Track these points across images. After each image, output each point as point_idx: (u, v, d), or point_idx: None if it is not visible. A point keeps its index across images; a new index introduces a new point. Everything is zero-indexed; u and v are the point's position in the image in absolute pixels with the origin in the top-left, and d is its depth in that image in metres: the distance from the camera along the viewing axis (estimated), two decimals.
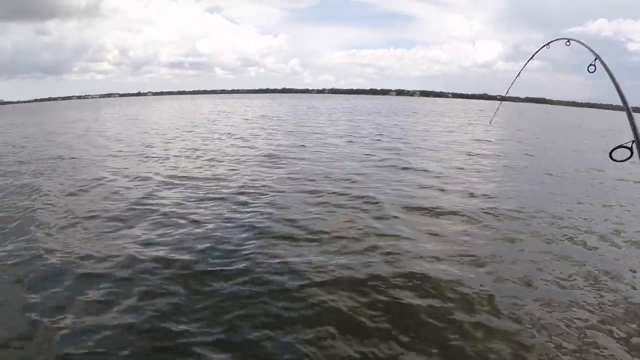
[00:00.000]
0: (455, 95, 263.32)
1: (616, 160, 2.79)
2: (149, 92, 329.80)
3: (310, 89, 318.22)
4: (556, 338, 4.52)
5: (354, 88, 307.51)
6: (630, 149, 2.75)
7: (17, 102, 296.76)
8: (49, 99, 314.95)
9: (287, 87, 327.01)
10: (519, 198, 10.41)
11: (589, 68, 3.73)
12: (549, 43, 5.67)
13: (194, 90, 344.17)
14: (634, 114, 2.91)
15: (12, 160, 16.59)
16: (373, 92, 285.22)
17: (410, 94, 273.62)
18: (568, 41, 4.67)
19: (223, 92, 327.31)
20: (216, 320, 4.85)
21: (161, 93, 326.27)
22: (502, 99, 9.07)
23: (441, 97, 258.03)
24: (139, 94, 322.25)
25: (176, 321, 4.78)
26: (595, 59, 3.74)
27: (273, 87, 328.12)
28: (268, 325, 4.75)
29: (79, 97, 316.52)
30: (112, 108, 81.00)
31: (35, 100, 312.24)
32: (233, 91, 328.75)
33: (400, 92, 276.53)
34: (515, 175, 13.50)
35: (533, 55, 6.84)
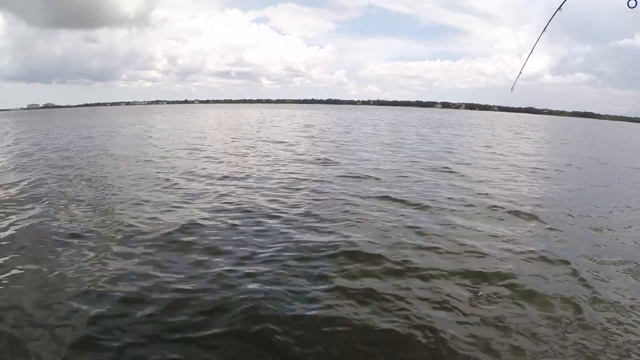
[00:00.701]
0: (501, 109, 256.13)
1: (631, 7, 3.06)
2: (196, 100, 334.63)
3: (356, 100, 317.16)
4: (609, 342, 4.69)
5: (399, 100, 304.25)
6: None
7: (67, 107, 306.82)
8: (98, 104, 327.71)
9: (332, 98, 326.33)
10: (563, 208, 10.66)
11: (629, 3, 3.66)
12: None
13: (241, 99, 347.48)
14: None
15: (81, 158, 18.18)
16: (418, 104, 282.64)
17: (456, 106, 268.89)
18: None
19: (269, 101, 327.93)
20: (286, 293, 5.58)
21: (208, 101, 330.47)
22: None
23: (487, 110, 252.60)
24: (185, 102, 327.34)
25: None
26: None
27: (318, 98, 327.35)
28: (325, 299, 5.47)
29: (127, 103, 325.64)
30: (163, 114, 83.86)
31: (85, 105, 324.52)
32: (278, 101, 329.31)
33: (445, 105, 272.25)
34: (559, 188, 13.60)
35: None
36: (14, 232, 8.18)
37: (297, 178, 13.42)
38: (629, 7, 3.72)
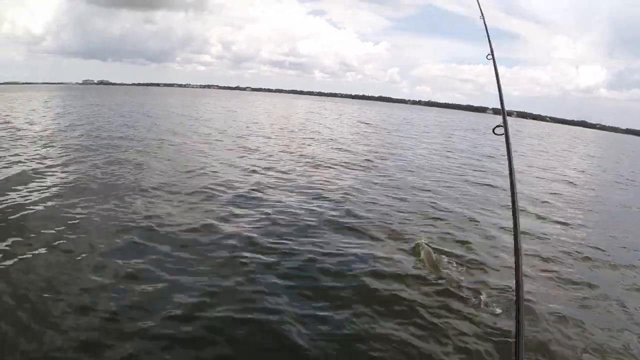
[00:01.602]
0: (553, 120, 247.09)
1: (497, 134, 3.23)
2: (248, 87, 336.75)
3: (407, 99, 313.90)
4: None
5: (450, 102, 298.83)
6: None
7: (122, 84, 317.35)
8: (152, 84, 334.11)
9: (383, 95, 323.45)
10: (608, 230, 10.64)
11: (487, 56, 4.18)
12: None
13: (292, 90, 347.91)
14: None
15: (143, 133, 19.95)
16: (469, 108, 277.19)
17: (508, 113, 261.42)
18: None
19: (320, 94, 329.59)
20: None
21: (260, 89, 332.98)
22: None
23: (538, 119, 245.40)
24: (237, 88, 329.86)
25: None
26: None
27: (370, 94, 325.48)
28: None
29: (180, 86, 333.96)
30: (218, 99, 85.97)
31: (139, 84, 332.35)
32: (330, 94, 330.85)
33: (497, 111, 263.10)
34: (606, 208, 13.51)
35: None
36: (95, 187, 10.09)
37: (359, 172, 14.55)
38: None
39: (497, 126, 3.39)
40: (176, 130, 22.63)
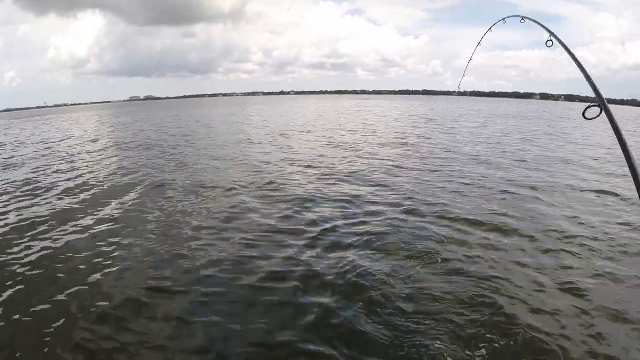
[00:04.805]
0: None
1: (588, 119, 2.89)
2: (292, 91, 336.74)
3: (452, 91, 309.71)
4: None
5: (497, 91, 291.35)
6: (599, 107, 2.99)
7: (167, 98, 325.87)
8: (197, 96, 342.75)
9: (427, 89, 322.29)
10: None
11: (547, 43, 3.99)
12: (505, 19, 5.54)
13: (336, 90, 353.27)
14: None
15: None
16: (516, 95, 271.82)
17: (555, 98, 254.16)
18: (522, 19, 4.54)
19: (364, 92, 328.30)
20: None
21: (303, 92, 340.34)
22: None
23: (588, 102, 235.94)
24: (281, 93, 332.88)
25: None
26: (550, 36, 3.97)
27: (414, 89, 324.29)
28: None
29: (225, 95, 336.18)
30: (267, 106, 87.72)
31: (184, 97, 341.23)
32: (374, 92, 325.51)
33: (544, 96, 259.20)
34: None
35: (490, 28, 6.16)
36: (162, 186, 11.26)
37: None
38: (547, 46, 3.84)
39: (589, 107, 3.00)
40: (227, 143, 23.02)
